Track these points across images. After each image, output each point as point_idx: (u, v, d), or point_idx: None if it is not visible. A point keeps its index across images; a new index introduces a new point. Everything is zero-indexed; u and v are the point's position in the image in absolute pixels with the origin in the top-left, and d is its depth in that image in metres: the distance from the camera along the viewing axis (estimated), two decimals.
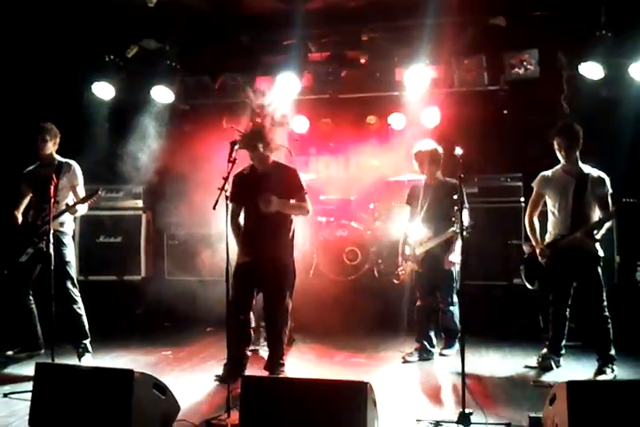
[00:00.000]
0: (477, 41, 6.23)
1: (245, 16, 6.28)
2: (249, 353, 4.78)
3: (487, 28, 6.14)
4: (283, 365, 4.67)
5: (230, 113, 6.67)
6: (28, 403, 3.62)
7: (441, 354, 5.35)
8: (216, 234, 6.06)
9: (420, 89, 6.61)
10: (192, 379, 4.77)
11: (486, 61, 6.37)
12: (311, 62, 6.65)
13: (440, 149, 5.27)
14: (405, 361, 5.22)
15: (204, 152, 6.15)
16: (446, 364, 5.15)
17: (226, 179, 4.06)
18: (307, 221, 7.08)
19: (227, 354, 4.48)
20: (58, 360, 4.37)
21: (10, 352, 5.25)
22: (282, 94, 6.33)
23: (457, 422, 3.60)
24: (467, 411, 3.60)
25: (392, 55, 6.59)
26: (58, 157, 5.27)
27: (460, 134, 6.19)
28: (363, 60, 6.72)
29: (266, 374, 4.59)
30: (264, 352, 5.10)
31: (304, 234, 7.01)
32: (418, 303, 5.37)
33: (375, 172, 7.22)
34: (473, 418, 3.59)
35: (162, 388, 3.59)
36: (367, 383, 3.20)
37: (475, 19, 6.03)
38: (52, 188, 4.54)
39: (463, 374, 3.72)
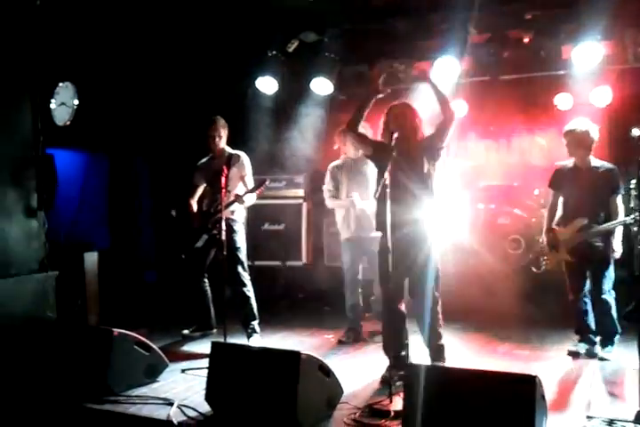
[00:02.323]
0: None
1: (401, 2, 6.23)
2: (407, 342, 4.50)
3: None
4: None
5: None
6: (203, 379, 3.89)
7: (601, 358, 4.81)
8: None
9: (590, 67, 6.19)
10: (353, 363, 4.86)
11: None
12: (471, 45, 6.44)
13: (594, 132, 4.82)
14: (571, 353, 4.94)
15: None
16: (618, 359, 4.80)
17: (385, 167, 4.05)
18: (466, 209, 6.96)
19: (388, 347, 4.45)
20: (229, 339, 4.65)
21: (186, 331, 5.67)
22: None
23: (634, 422, 3.35)
24: None
25: (558, 32, 6.22)
26: (228, 149, 5.58)
27: (635, 114, 5.72)
28: (526, 40, 6.40)
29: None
30: None
31: (463, 221, 6.89)
32: (570, 297, 4.98)
33: (540, 156, 6.89)
34: None
35: (326, 370, 3.70)
36: (536, 377, 3.08)
37: None
38: (224, 178, 4.82)
39: None
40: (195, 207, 5.63)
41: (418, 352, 4.59)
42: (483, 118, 7.47)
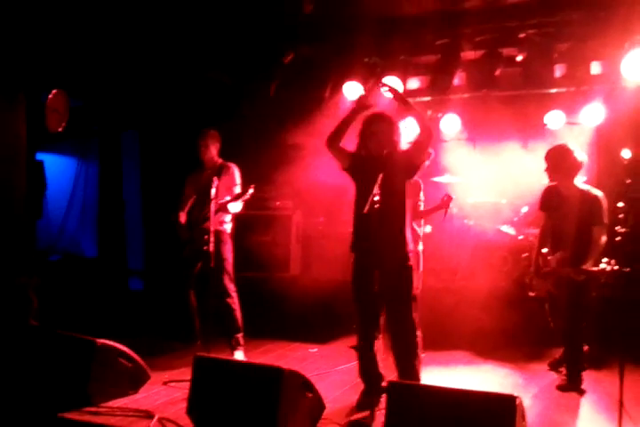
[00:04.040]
0: None
1: (399, 18, 6.27)
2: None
3: None
4: None
5: None
6: (185, 391, 3.86)
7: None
8: None
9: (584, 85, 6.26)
10: (336, 378, 4.86)
11: None
12: (464, 61, 6.49)
13: (578, 155, 4.58)
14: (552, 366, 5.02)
15: None
16: (602, 381, 4.80)
17: (379, 184, 4.02)
18: (454, 225, 6.98)
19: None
20: (213, 352, 4.61)
21: (169, 342, 5.64)
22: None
23: None
24: None
25: (551, 51, 6.28)
26: (219, 160, 5.58)
27: (626, 135, 5.76)
28: (519, 58, 6.45)
29: None
30: None
31: (450, 237, 6.91)
32: (552, 325, 4.92)
33: (530, 174, 6.91)
34: None
35: (309, 386, 3.69)
36: (517, 397, 3.09)
37: None
38: (213, 189, 4.80)
39: (621, 392, 3.48)
40: (184, 219, 5.60)
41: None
42: (474, 134, 7.51)
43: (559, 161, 4.62)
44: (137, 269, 7.92)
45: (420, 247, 5.51)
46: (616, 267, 3.88)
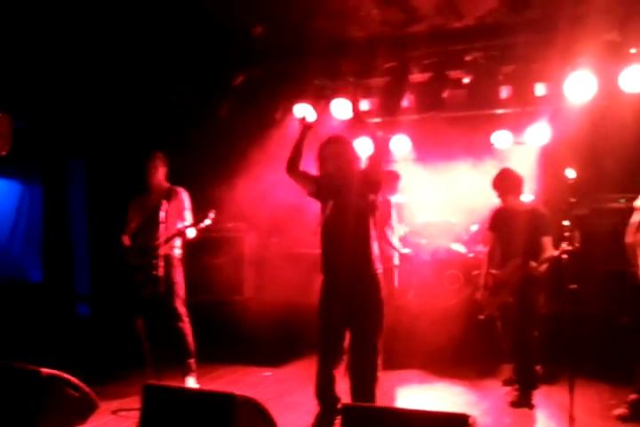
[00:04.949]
0: (589, 56, 5.97)
1: (348, 41, 6.34)
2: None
3: (600, 43, 5.88)
4: None
5: None
6: (135, 420, 3.74)
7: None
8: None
9: (529, 106, 6.43)
10: (291, 401, 4.81)
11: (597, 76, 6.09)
12: (413, 83, 6.61)
13: (518, 176, 5.02)
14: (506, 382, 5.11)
15: None
16: (554, 395, 4.86)
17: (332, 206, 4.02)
18: (406, 243, 7.03)
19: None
20: (164, 378, 4.52)
21: (119, 369, 5.49)
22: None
23: None
24: None
25: (496, 73, 6.44)
26: (166, 184, 5.49)
27: (570, 155, 5.94)
28: (466, 80, 6.61)
29: None
30: None
31: (402, 256, 6.95)
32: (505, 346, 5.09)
33: (479, 193, 7.05)
34: None
35: (263, 412, 3.62)
36: (470, 416, 3.09)
37: (586, 35, 5.79)
38: (163, 213, 4.72)
39: (572, 406, 3.53)
40: (127, 241, 5.43)
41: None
42: (424, 154, 7.63)
43: (506, 184, 5.02)
44: (84, 294, 7.72)
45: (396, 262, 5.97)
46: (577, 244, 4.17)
